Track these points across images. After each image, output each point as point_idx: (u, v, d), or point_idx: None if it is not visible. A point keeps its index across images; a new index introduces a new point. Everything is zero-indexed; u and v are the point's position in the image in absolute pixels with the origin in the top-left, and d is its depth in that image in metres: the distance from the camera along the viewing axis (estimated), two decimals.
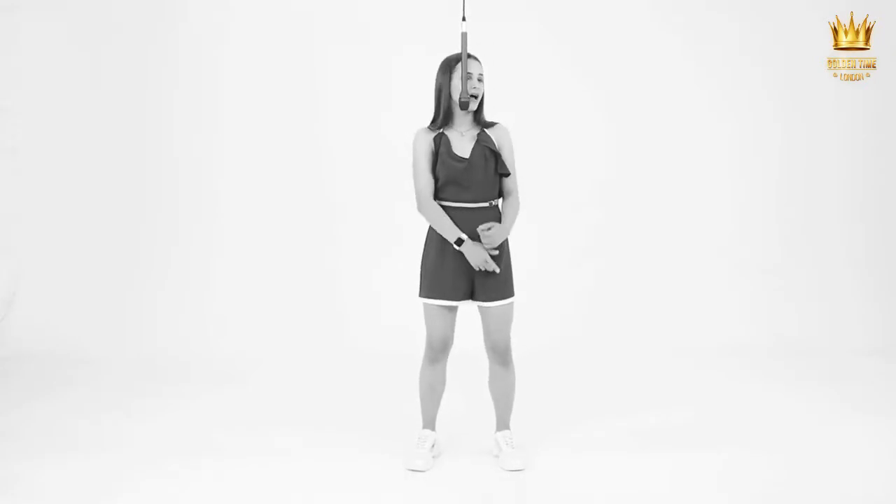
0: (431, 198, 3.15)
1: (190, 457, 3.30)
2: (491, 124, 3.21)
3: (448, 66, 3.16)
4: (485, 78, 3.19)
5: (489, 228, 3.08)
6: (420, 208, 3.17)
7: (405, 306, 4.99)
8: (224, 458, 3.28)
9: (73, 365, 4.69)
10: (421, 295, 3.20)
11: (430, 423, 3.34)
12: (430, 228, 3.20)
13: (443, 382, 3.30)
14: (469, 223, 3.13)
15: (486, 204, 3.16)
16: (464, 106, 3.07)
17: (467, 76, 3.09)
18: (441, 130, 3.19)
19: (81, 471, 3.16)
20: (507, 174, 3.17)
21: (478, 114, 3.19)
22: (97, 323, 5.11)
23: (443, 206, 3.15)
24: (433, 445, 3.29)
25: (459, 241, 3.08)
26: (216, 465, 3.21)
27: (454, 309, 3.20)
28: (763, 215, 5.41)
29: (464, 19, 3.10)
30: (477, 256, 3.07)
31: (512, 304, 3.20)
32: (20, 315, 5.16)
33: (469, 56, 3.13)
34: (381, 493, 3.01)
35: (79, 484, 3.05)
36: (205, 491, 3.01)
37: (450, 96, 3.16)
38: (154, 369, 4.64)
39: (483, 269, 3.08)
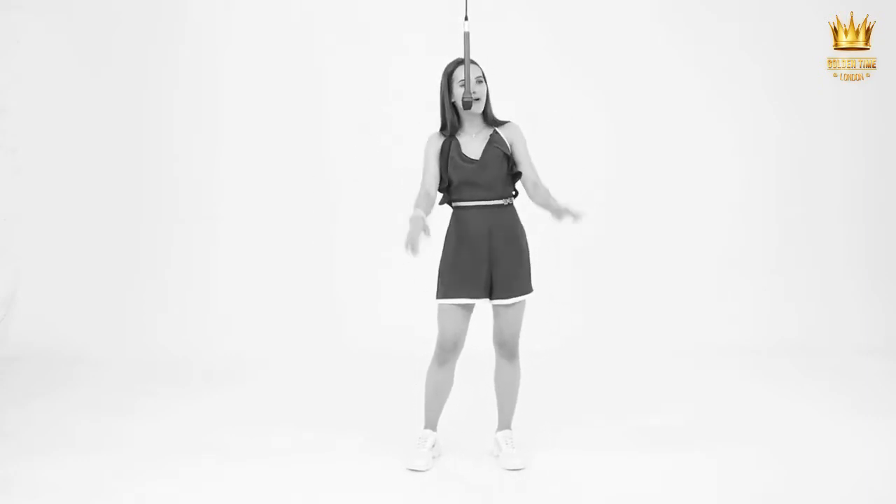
0: (427, 197, 3.12)
1: (190, 457, 3.30)
2: (502, 123, 3.21)
3: (446, 74, 3.17)
4: (486, 78, 3.17)
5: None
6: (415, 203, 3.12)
7: (405, 306, 4.99)
8: (224, 458, 3.28)
9: (73, 365, 4.69)
10: (438, 296, 3.18)
11: (432, 423, 3.33)
12: (448, 230, 3.21)
13: (450, 385, 3.29)
14: (486, 220, 3.14)
15: (502, 202, 3.17)
16: (466, 106, 3.06)
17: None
18: (451, 136, 3.20)
19: (81, 470, 3.16)
20: (520, 174, 3.18)
21: (485, 114, 3.20)
22: (97, 323, 5.10)
23: (459, 206, 3.17)
24: (433, 445, 3.29)
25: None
26: (216, 465, 3.21)
27: (470, 308, 3.19)
28: (763, 215, 5.40)
29: (466, 19, 3.10)
30: (413, 230, 2.92)
31: (525, 301, 3.21)
32: (20, 315, 5.15)
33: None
34: (381, 493, 3.01)
35: (78, 484, 3.05)
36: (205, 491, 3.00)
37: (452, 104, 3.17)
38: (154, 369, 4.64)
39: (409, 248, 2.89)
